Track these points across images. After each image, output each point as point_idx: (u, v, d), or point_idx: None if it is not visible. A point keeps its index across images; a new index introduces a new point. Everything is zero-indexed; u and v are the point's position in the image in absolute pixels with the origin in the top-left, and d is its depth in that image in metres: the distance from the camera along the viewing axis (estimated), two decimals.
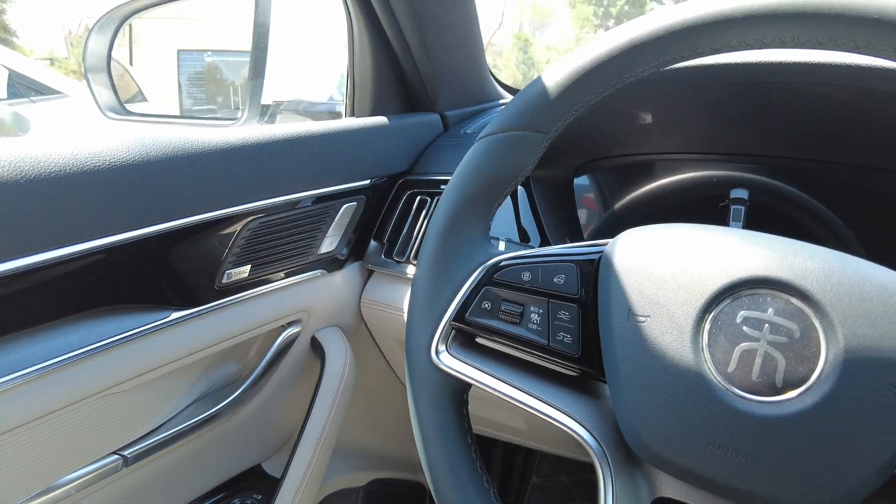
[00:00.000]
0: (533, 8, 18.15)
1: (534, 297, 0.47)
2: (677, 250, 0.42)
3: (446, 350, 0.49)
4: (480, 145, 0.50)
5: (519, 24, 15.46)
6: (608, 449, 0.44)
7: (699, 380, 0.38)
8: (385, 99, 0.95)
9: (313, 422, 0.86)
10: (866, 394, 0.35)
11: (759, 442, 0.37)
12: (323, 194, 0.78)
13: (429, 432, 0.49)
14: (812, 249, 0.40)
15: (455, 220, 0.50)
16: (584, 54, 0.46)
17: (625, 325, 0.42)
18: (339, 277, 0.88)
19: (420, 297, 0.50)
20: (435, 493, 0.48)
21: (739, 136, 0.80)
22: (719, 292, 0.39)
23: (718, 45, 0.43)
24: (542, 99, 0.47)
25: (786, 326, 0.37)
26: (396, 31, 0.89)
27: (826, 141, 0.75)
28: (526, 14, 18.32)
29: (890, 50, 0.39)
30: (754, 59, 0.68)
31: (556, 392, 0.46)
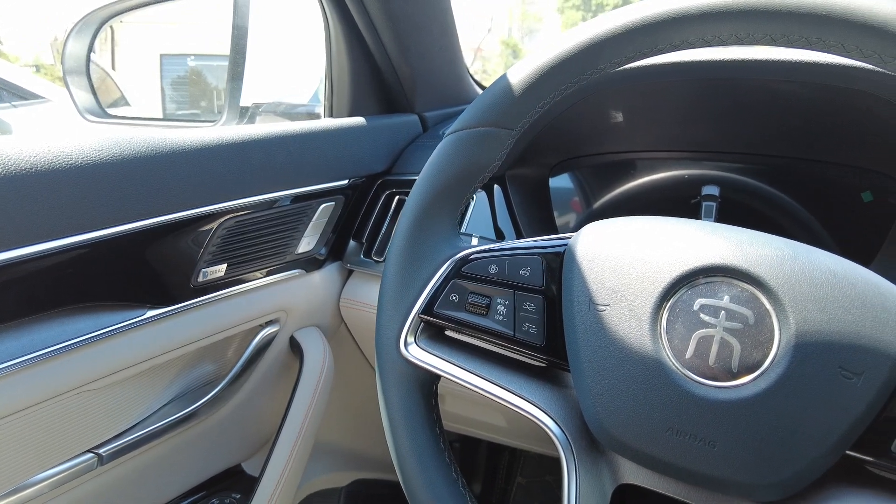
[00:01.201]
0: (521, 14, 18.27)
1: (500, 290, 0.48)
2: (636, 241, 0.43)
3: (415, 342, 0.50)
4: (447, 142, 0.50)
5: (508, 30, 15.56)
6: (572, 437, 0.44)
7: (657, 366, 0.39)
8: (363, 100, 0.96)
9: (291, 422, 0.87)
10: (817, 376, 0.36)
11: (715, 426, 0.38)
12: (300, 194, 0.78)
13: (397, 423, 0.49)
14: (766, 238, 0.41)
15: (423, 215, 0.50)
16: (547, 52, 0.47)
17: (586, 315, 0.43)
18: (318, 277, 0.88)
19: (389, 291, 0.51)
20: (403, 483, 0.49)
21: (710, 133, 0.81)
22: (676, 281, 0.40)
23: (677, 41, 0.45)
24: (508, 95, 0.48)
25: (741, 313, 0.38)
26: (372, 33, 0.90)
27: (793, 137, 0.76)
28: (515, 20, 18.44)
29: (838, 46, 0.40)
30: (719, 56, 0.70)
31: (521, 382, 0.47)
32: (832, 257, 0.39)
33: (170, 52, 2.13)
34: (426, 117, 1.00)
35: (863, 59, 0.40)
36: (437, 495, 0.47)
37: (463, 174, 0.50)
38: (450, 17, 0.99)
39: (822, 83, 0.68)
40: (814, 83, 0.68)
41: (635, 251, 0.42)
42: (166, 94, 2.10)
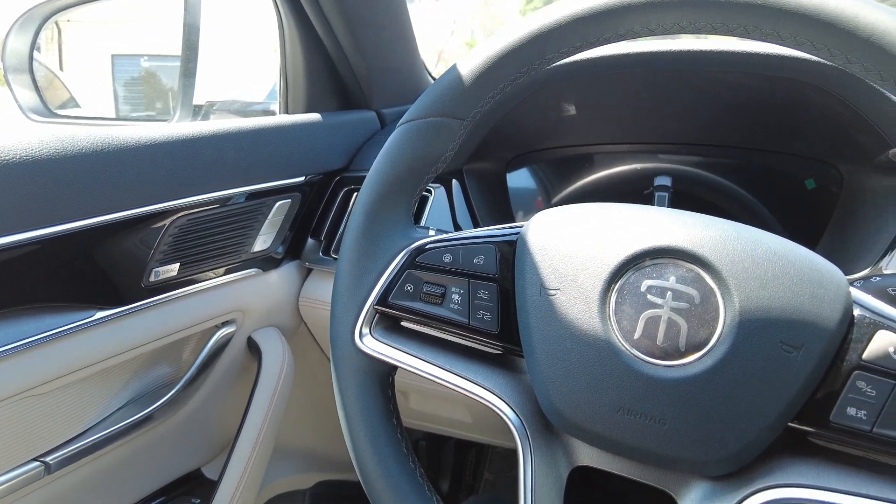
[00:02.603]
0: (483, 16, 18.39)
1: (454, 278, 0.48)
2: (584, 227, 0.44)
3: (370, 334, 0.49)
4: (399, 132, 0.50)
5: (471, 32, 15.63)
6: (527, 422, 0.45)
7: (607, 347, 0.40)
8: (319, 96, 0.95)
9: (249, 424, 0.85)
10: (759, 352, 0.37)
11: (665, 404, 0.39)
12: (255, 191, 0.77)
13: (353, 414, 0.49)
14: (709, 220, 0.42)
15: (376, 206, 0.50)
16: (496, 42, 0.48)
17: (538, 300, 0.43)
18: (276, 276, 0.87)
19: (343, 283, 0.50)
20: (360, 474, 0.49)
21: (661, 125, 0.83)
22: (623, 263, 0.41)
23: (623, 30, 0.45)
24: (458, 86, 0.48)
25: (687, 293, 0.39)
26: (327, 30, 0.89)
27: (740, 128, 0.79)
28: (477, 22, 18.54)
29: (774, 34, 0.42)
30: (665, 48, 0.71)
31: (476, 369, 0.47)
32: (772, 237, 0.41)
33: (122, 52, 2.08)
34: (384, 114, 1.00)
35: (797, 47, 0.42)
36: (393, 484, 0.47)
37: (415, 165, 0.50)
38: (405, 13, 0.99)
39: (765, 74, 0.70)
40: (758, 74, 0.70)
41: (583, 237, 0.43)
42: (119, 94, 2.05)
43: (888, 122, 0.66)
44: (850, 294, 0.39)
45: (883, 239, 0.64)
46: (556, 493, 0.44)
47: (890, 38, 0.38)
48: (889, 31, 0.38)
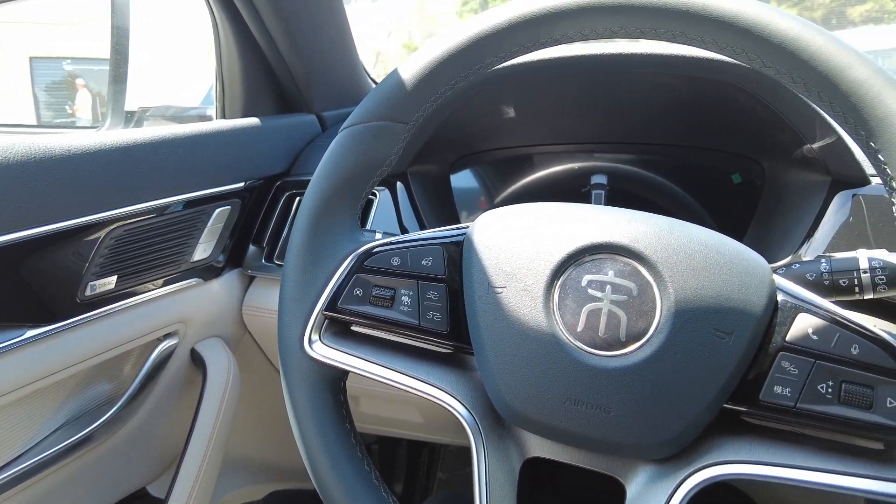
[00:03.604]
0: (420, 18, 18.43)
1: (403, 281, 0.48)
2: (527, 226, 0.45)
3: (319, 340, 0.49)
4: (342, 137, 0.50)
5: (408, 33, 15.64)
6: (479, 418, 0.46)
7: (552, 341, 0.42)
8: (257, 100, 0.93)
9: (197, 438, 0.83)
10: (695, 338, 0.40)
11: (609, 393, 0.41)
12: (193, 198, 0.75)
13: (305, 422, 0.49)
14: (643, 216, 0.44)
15: (321, 211, 0.50)
16: (437, 47, 0.49)
17: (485, 298, 0.44)
18: (217, 285, 0.85)
19: (290, 289, 0.50)
20: (315, 480, 0.48)
21: (597, 125, 0.86)
22: (564, 260, 0.42)
23: (558, 35, 0.47)
24: (400, 90, 0.49)
25: (625, 286, 0.41)
26: (263, 32, 0.88)
27: (670, 127, 0.83)
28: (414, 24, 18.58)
29: (698, 39, 0.44)
30: (600, 51, 0.74)
31: (428, 369, 0.48)
32: (703, 230, 0.43)
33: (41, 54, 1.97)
34: (325, 117, 0.99)
35: (720, 51, 0.45)
36: (349, 489, 0.47)
37: (360, 169, 0.50)
38: (343, 16, 0.98)
39: (692, 75, 0.74)
40: (686, 76, 0.74)
41: (527, 235, 0.45)
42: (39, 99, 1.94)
43: (802, 120, 0.71)
44: (774, 281, 0.42)
45: (801, 228, 0.69)
46: (509, 486, 0.45)
47: (798, 44, 0.41)
48: (798, 39, 0.41)
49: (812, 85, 0.42)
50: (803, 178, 0.74)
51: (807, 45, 0.41)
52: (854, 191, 0.68)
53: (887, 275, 0.48)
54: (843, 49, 0.40)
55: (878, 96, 0.39)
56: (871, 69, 0.40)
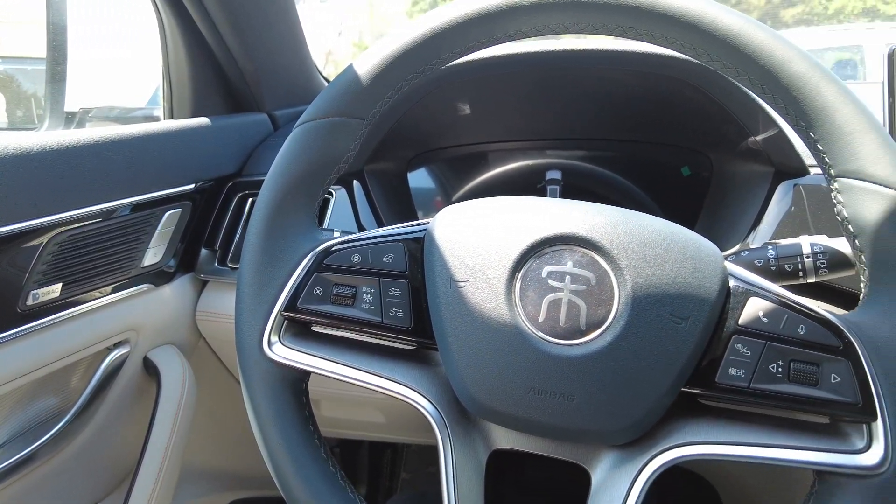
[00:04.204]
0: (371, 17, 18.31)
1: (365, 278, 0.48)
2: (488, 221, 0.45)
3: (279, 341, 0.48)
4: (297, 133, 0.50)
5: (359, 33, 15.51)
6: (444, 412, 0.46)
7: (515, 332, 0.42)
8: (206, 100, 0.91)
9: (152, 449, 0.80)
10: (652, 324, 0.41)
11: (571, 381, 0.41)
12: (141, 201, 0.73)
13: (268, 425, 0.48)
14: (599, 207, 0.45)
15: (277, 210, 0.49)
16: (393, 42, 0.48)
17: (448, 293, 0.44)
18: (169, 291, 0.82)
19: (247, 291, 0.49)
20: (279, 484, 0.47)
21: (551, 121, 0.87)
22: (525, 252, 0.43)
23: (512, 31, 0.48)
24: (356, 85, 0.49)
25: (584, 276, 0.42)
26: (211, 30, 0.86)
27: (621, 122, 0.85)
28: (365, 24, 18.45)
29: (648, 34, 0.46)
30: (552, 47, 0.75)
31: (392, 366, 0.47)
32: (657, 220, 0.44)
33: None
34: (276, 116, 0.97)
35: (668, 46, 0.46)
36: (315, 491, 0.46)
37: (316, 165, 0.49)
38: (294, 13, 0.97)
39: (642, 71, 0.76)
40: (636, 71, 0.76)
41: (487, 229, 0.45)
42: None
43: (747, 114, 0.74)
44: (726, 267, 0.43)
45: (748, 217, 0.72)
46: (476, 478, 0.45)
47: (742, 39, 0.42)
48: (742, 34, 0.42)
49: (756, 78, 0.43)
50: (748, 169, 0.77)
51: (750, 39, 0.42)
52: (795, 181, 0.71)
53: (827, 259, 0.50)
54: (784, 44, 0.42)
55: (815, 88, 0.41)
56: (809, 63, 0.42)
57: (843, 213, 0.42)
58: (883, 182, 0.40)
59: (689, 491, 1.14)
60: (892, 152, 0.40)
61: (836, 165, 0.41)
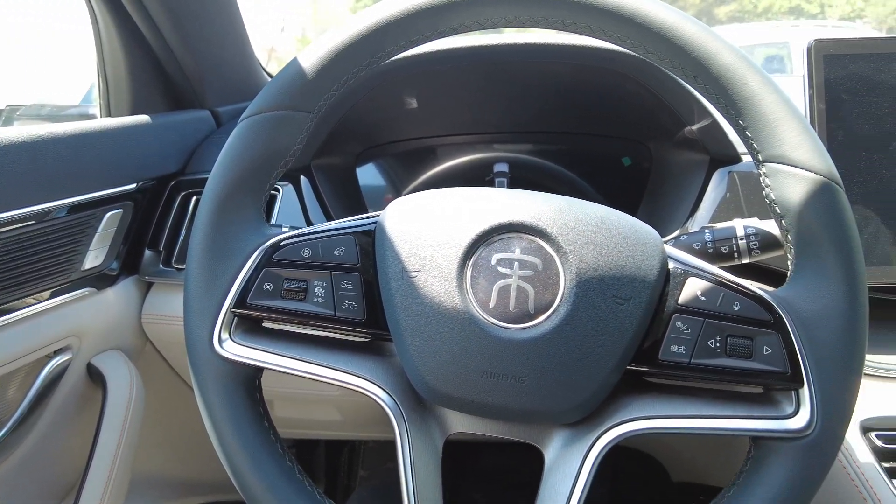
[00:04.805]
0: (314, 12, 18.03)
1: (316, 272, 0.48)
2: (438, 211, 0.46)
3: (230, 338, 0.48)
4: (242, 127, 0.49)
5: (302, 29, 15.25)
6: (400, 401, 0.46)
7: (467, 319, 0.43)
8: (146, 97, 0.88)
9: (99, 458, 0.77)
10: (597, 306, 0.42)
11: (522, 363, 0.42)
12: (79, 202, 0.70)
13: (222, 424, 0.47)
14: (544, 196, 0.46)
15: (223, 205, 0.48)
16: (338, 35, 0.48)
17: (401, 283, 0.45)
18: (112, 294, 0.80)
19: (194, 289, 0.48)
20: (236, 482, 0.47)
21: (497, 115, 0.89)
22: (475, 241, 0.44)
23: (456, 24, 0.49)
24: (302, 78, 0.48)
25: (531, 262, 0.43)
26: (149, 24, 0.83)
27: (565, 115, 0.87)
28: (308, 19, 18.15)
29: (586, 28, 0.47)
30: (497, 41, 0.77)
31: (346, 358, 0.48)
32: (598, 206, 0.46)
33: None
34: (219, 113, 0.95)
35: (607, 39, 0.48)
36: (272, 485, 0.46)
37: (262, 159, 0.49)
38: (235, 8, 0.95)
39: (583, 64, 0.78)
40: (577, 64, 0.78)
41: (438, 220, 0.46)
42: None
43: (682, 104, 0.77)
44: (665, 250, 0.45)
45: (686, 204, 0.75)
46: (433, 464, 0.46)
47: (675, 32, 0.44)
48: (675, 27, 0.44)
49: (688, 69, 0.45)
50: (686, 158, 0.81)
51: (682, 32, 0.44)
52: (729, 168, 0.74)
53: (759, 240, 0.53)
54: (713, 37, 0.45)
55: (743, 79, 0.44)
56: (736, 55, 0.44)
57: (771, 196, 0.44)
58: (804, 166, 0.42)
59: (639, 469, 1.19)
60: (812, 138, 0.43)
61: (763, 151, 0.44)
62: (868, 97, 0.67)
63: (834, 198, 0.42)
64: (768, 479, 0.42)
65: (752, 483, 0.43)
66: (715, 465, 0.97)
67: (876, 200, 0.68)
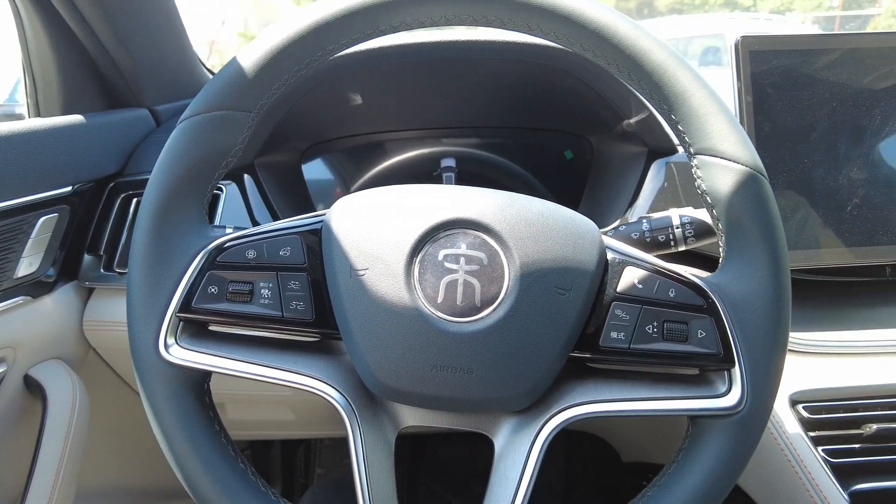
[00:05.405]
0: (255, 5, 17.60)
1: (261, 273, 0.47)
2: (384, 209, 0.47)
3: (176, 343, 0.47)
4: (182, 128, 0.48)
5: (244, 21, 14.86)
6: (351, 398, 0.47)
7: (416, 314, 0.44)
8: (79, 96, 0.85)
9: (41, 475, 0.75)
10: (540, 297, 0.44)
11: (470, 355, 0.44)
12: (9, 207, 0.67)
13: (171, 429, 0.46)
14: (488, 192, 0.47)
15: (164, 208, 0.47)
16: (277, 33, 0.48)
17: (349, 282, 0.45)
18: (50, 302, 0.77)
19: (137, 294, 0.47)
20: (189, 488, 0.47)
21: (444, 110, 0.90)
22: (421, 237, 0.45)
23: (396, 22, 0.49)
24: (242, 77, 0.48)
25: (476, 256, 0.44)
26: (79, 21, 0.80)
27: (508, 109, 0.88)
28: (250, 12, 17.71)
29: (525, 26, 0.48)
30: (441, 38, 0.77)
31: (296, 359, 0.48)
32: (540, 201, 0.48)
33: None
34: (159, 111, 0.93)
35: (545, 37, 0.49)
36: (225, 488, 0.46)
37: (203, 161, 0.48)
38: (170, 2, 0.92)
39: (526, 60, 0.80)
40: (519, 60, 0.80)
41: (384, 217, 0.46)
42: None
43: (620, 99, 0.80)
44: (603, 241, 0.47)
45: (626, 195, 0.78)
46: (386, 458, 0.47)
47: (608, 30, 0.46)
48: (608, 25, 0.46)
49: (623, 66, 0.47)
50: (625, 150, 0.83)
51: (615, 31, 0.46)
52: (667, 159, 0.77)
53: (694, 228, 0.56)
54: (645, 35, 0.46)
55: (674, 76, 0.46)
56: (667, 52, 0.46)
57: (702, 187, 0.47)
58: (731, 157, 0.45)
59: (591, 452, 1.22)
60: (739, 131, 0.46)
61: (694, 144, 0.46)
62: (791, 91, 0.71)
63: (759, 187, 0.45)
64: (705, 454, 0.45)
65: (690, 458, 0.46)
66: (661, 445, 1.01)
67: (800, 188, 0.72)
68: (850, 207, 0.73)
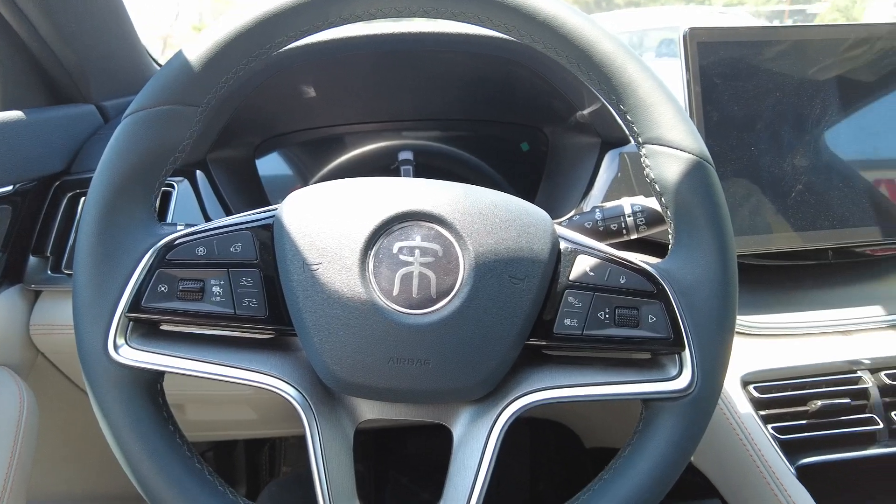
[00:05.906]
0: None
1: (212, 271, 0.47)
2: (336, 202, 0.46)
3: (126, 344, 0.46)
4: (127, 124, 0.47)
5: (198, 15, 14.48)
6: (308, 394, 0.47)
7: (371, 308, 0.44)
8: (19, 92, 0.82)
9: None
10: (494, 287, 0.44)
11: (426, 347, 0.44)
12: None
13: (123, 433, 0.45)
14: (442, 184, 0.47)
15: (110, 205, 0.46)
16: (224, 26, 0.47)
17: (302, 277, 0.45)
18: None
19: (84, 295, 0.46)
20: (143, 491, 0.46)
21: (401, 103, 0.89)
22: (375, 230, 0.45)
23: (346, 14, 0.48)
24: (188, 71, 0.47)
25: (431, 248, 0.45)
26: (17, 15, 0.77)
27: (464, 101, 0.89)
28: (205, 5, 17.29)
29: (475, 18, 0.49)
30: (395, 29, 0.77)
31: (250, 356, 0.47)
32: (494, 192, 0.48)
33: None
34: (106, 107, 0.90)
35: (495, 29, 0.49)
36: (182, 489, 0.45)
37: (150, 157, 0.47)
38: None
39: (480, 53, 0.80)
40: (474, 53, 0.80)
41: (336, 211, 0.46)
42: None
43: (573, 90, 0.81)
44: (556, 231, 0.48)
45: (581, 185, 0.79)
46: (345, 453, 0.47)
47: (556, 22, 0.46)
48: (556, 17, 0.46)
49: (572, 58, 0.48)
50: (579, 141, 0.85)
51: (563, 23, 0.47)
52: (619, 149, 0.79)
53: (646, 217, 0.57)
54: (593, 26, 0.47)
55: (622, 66, 0.47)
56: (615, 44, 0.47)
57: (651, 175, 0.48)
58: (678, 146, 0.46)
59: (554, 439, 1.24)
60: (685, 120, 0.47)
61: (643, 133, 0.47)
62: (737, 81, 0.73)
63: (705, 175, 0.46)
64: (658, 435, 0.46)
65: (644, 440, 0.47)
66: (620, 429, 1.04)
67: (747, 175, 0.75)
68: (795, 194, 0.75)
